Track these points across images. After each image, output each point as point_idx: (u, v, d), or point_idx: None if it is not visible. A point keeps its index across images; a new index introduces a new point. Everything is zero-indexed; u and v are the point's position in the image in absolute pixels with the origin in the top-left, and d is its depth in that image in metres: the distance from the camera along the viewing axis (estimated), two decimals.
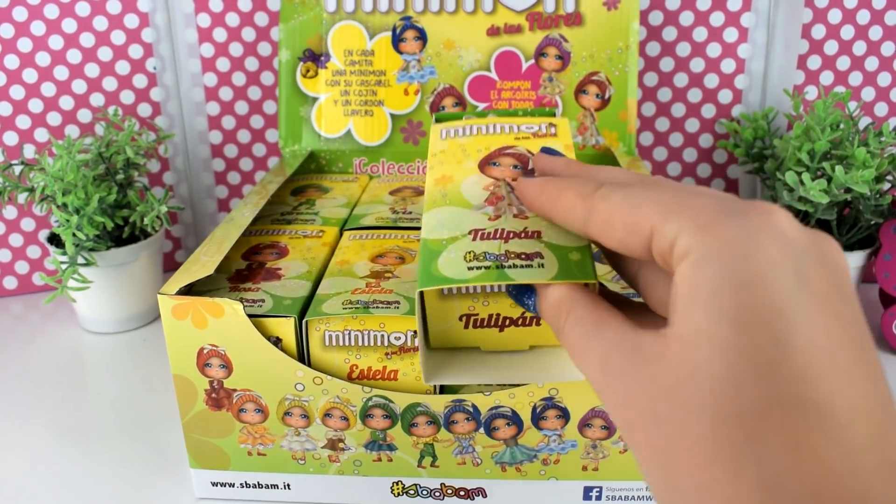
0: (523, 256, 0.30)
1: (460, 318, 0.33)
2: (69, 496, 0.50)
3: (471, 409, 0.45)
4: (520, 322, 0.34)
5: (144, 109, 0.77)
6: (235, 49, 0.76)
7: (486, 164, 0.36)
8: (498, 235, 0.32)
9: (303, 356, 0.45)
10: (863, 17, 0.73)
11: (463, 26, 0.70)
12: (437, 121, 0.41)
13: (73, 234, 0.64)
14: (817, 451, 0.18)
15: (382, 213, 0.60)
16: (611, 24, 0.69)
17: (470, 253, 0.31)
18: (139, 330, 0.71)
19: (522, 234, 0.32)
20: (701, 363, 0.20)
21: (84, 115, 0.76)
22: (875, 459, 0.18)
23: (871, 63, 0.74)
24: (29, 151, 0.75)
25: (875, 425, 0.19)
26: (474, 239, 0.32)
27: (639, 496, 0.48)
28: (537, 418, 0.45)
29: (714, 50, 0.74)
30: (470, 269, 0.30)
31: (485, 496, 0.48)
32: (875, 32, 0.73)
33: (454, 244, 0.32)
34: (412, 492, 0.48)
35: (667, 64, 0.75)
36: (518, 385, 0.44)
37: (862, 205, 0.65)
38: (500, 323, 0.33)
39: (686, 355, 0.21)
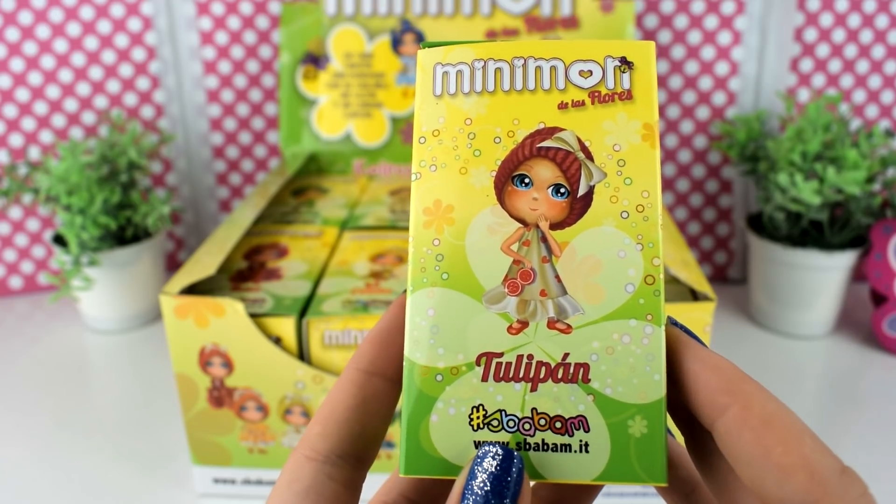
0: (558, 426, 0.20)
1: None
2: (73, 492, 0.51)
3: None
4: None
5: (147, 111, 0.78)
6: (237, 52, 0.77)
7: (506, 180, 0.22)
8: (522, 372, 0.21)
9: (303, 355, 0.46)
10: (854, 20, 0.74)
11: (461, 29, 0.71)
12: (426, 48, 0.23)
13: (78, 235, 0.65)
14: None
15: (382, 213, 0.61)
16: (606, 27, 0.70)
17: (479, 410, 0.21)
18: (142, 329, 0.72)
19: (560, 372, 0.20)
20: None
21: (88, 118, 0.77)
22: None
23: (863, 66, 0.75)
24: (34, 153, 0.76)
25: None
26: (485, 377, 0.21)
27: (635, 492, 0.48)
28: None
29: (708, 53, 0.75)
30: (478, 446, 0.21)
31: None
32: (866, 36, 0.74)
33: (454, 385, 0.21)
34: None
35: (661, 66, 0.76)
36: None
37: (853, 205, 0.66)
38: None
39: None
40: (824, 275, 0.67)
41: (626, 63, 0.22)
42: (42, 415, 0.60)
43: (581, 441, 0.20)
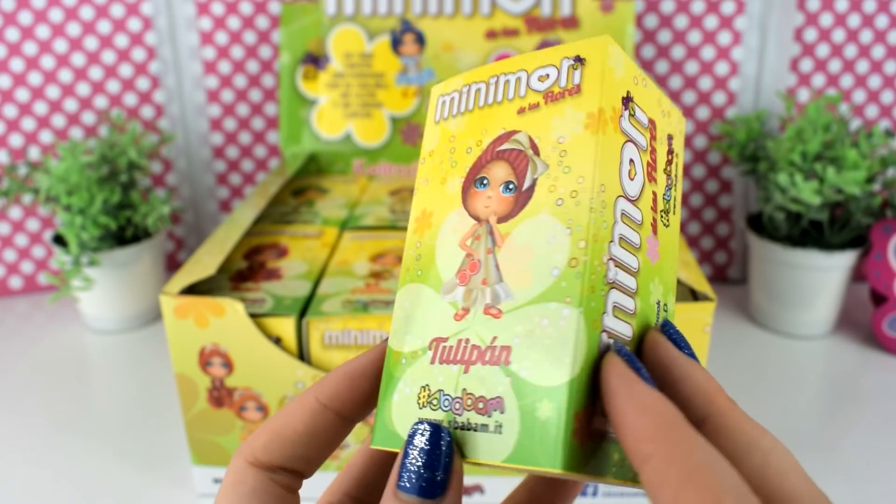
0: (481, 406, 0.21)
1: None
2: (73, 492, 0.51)
3: None
4: None
5: (147, 112, 0.78)
6: (237, 52, 0.77)
7: (470, 184, 0.24)
8: (459, 355, 0.22)
9: (303, 355, 0.46)
10: (854, 20, 0.74)
11: (461, 29, 0.71)
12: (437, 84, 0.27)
13: (78, 235, 0.65)
14: None
15: (382, 213, 0.61)
16: (606, 27, 0.70)
17: (425, 390, 0.22)
18: (142, 329, 0.72)
19: (487, 355, 0.21)
20: None
21: (88, 118, 0.77)
22: None
23: (862, 66, 0.75)
24: (34, 153, 0.76)
25: None
26: (433, 360, 0.22)
27: (633, 492, 0.49)
28: None
29: (708, 53, 0.75)
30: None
31: (482, 492, 0.49)
32: (866, 36, 0.74)
33: (412, 367, 0.23)
34: None
35: (662, 66, 0.76)
36: None
37: (853, 205, 0.66)
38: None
39: None
40: (824, 275, 0.67)
41: (578, 60, 0.23)
42: (42, 415, 0.60)
43: (497, 422, 0.20)
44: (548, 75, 0.23)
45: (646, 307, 0.23)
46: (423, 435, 0.21)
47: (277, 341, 0.45)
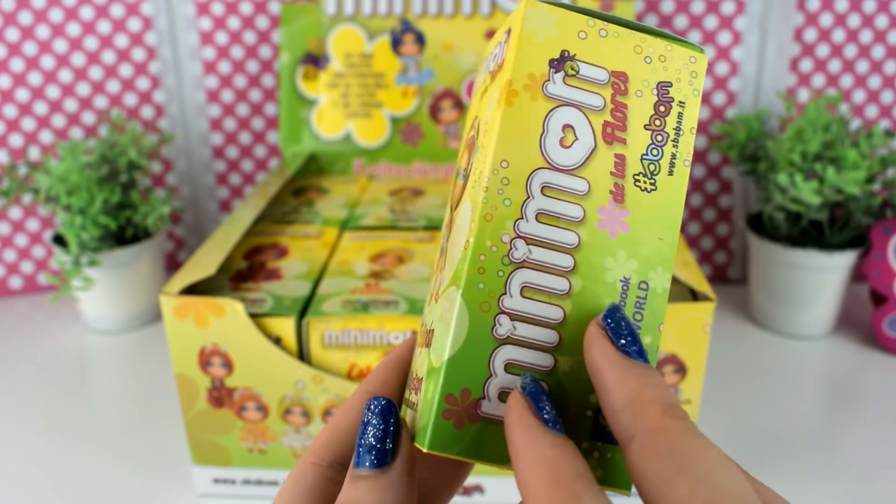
0: (415, 387, 0.22)
1: None
2: (73, 492, 0.51)
3: None
4: None
5: (147, 112, 0.78)
6: (236, 52, 0.77)
7: (457, 176, 0.24)
8: (422, 339, 0.23)
9: (303, 355, 0.46)
10: (854, 20, 0.74)
11: (461, 29, 0.71)
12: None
13: (78, 235, 0.65)
14: None
15: (382, 213, 0.61)
16: None
17: (412, 372, 0.23)
18: (142, 329, 0.72)
19: (426, 338, 0.22)
20: None
21: (88, 118, 0.77)
22: None
23: (862, 66, 0.75)
24: (34, 153, 0.76)
25: None
26: (418, 345, 0.23)
27: (633, 492, 0.48)
28: None
29: (708, 53, 0.75)
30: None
31: (482, 492, 0.49)
32: (866, 36, 0.74)
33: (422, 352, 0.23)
34: None
35: None
36: None
37: (853, 205, 0.66)
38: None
39: None
40: (824, 275, 0.67)
41: (507, 33, 0.21)
42: (42, 415, 0.60)
43: (415, 402, 0.21)
44: (495, 55, 0.22)
45: (594, 286, 0.20)
46: (372, 410, 0.21)
47: (277, 341, 0.45)
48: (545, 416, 0.19)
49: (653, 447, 0.18)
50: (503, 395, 0.20)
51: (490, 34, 0.70)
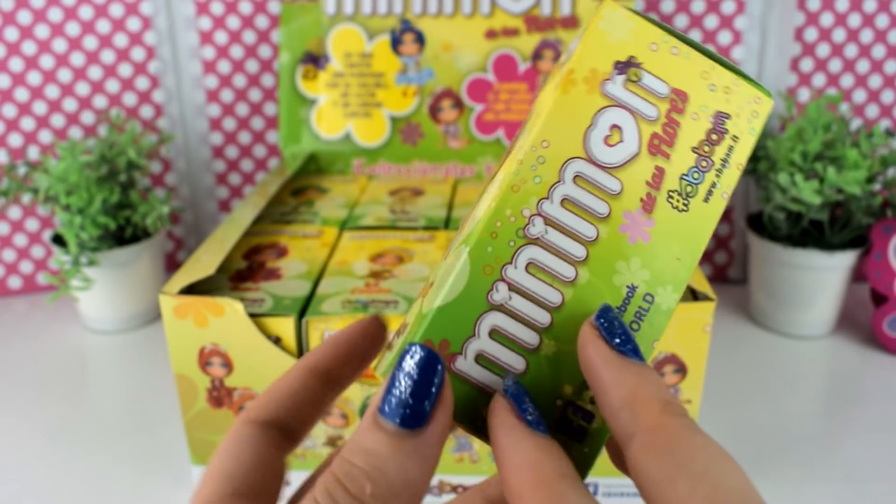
0: (401, 330, 0.22)
1: None
2: (72, 492, 0.51)
3: None
4: None
5: (146, 111, 0.78)
6: (236, 52, 0.77)
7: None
8: (422, 291, 0.23)
9: (302, 355, 0.46)
10: (854, 20, 0.74)
11: (461, 29, 0.71)
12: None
13: (77, 235, 0.64)
14: None
15: (381, 213, 0.61)
16: None
17: (402, 324, 0.23)
18: (141, 329, 0.72)
19: (426, 289, 0.22)
20: None
21: (87, 117, 0.77)
22: None
23: (863, 65, 0.75)
24: (33, 153, 0.76)
25: None
26: (419, 295, 0.24)
27: (633, 493, 0.48)
28: None
29: None
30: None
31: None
32: (866, 35, 0.74)
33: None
34: None
35: None
36: None
37: (853, 205, 0.66)
38: None
39: None
40: (824, 275, 0.67)
41: (584, 29, 0.22)
42: (41, 415, 0.60)
43: (394, 343, 0.21)
44: (569, 49, 0.23)
45: (599, 283, 0.21)
46: (412, 358, 0.19)
47: (277, 341, 0.45)
48: (528, 417, 0.19)
49: (652, 445, 0.17)
50: (479, 359, 0.20)
51: (490, 34, 0.70)
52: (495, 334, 0.20)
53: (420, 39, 0.71)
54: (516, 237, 0.20)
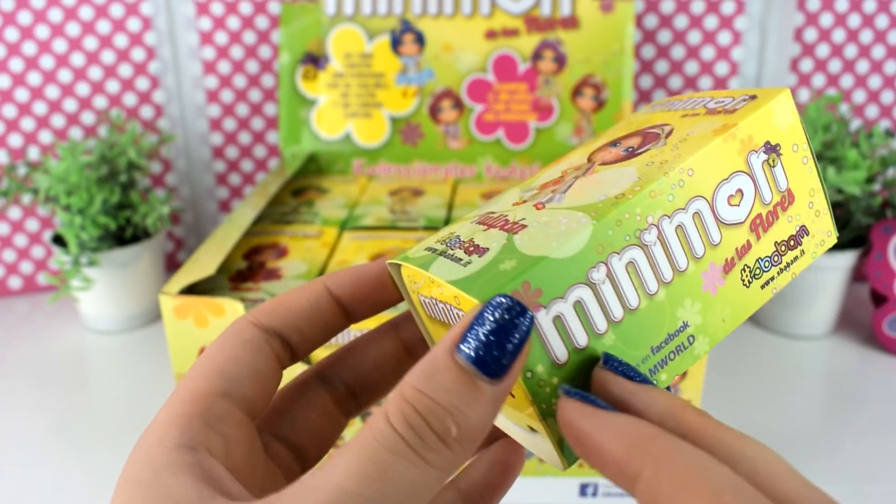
0: (470, 249, 0.24)
1: None
2: (71, 492, 0.51)
3: None
4: None
5: (147, 112, 0.78)
6: (236, 52, 0.77)
7: (608, 143, 0.28)
8: (491, 221, 0.25)
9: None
10: (854, 20, 0.74)
11: (461, 29, 0.71)
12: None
13: (77, 235, 0.64)
14: None
15: (381, 213, 0.61)
16: (606, 27, 0.70)
17: (449, 234, 0.25)
18: (142, 329, 0.72)
19: (506, 225, 0.24)
20: None
21: (87, 118, 0.77)
22: None
23: (862, 66, 0.75)
24: (33, 153, 0.76)
25: None
26: (474, 221, 0.26)
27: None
28: None
29: (708, 53, 0.75)
30: (427, 250, 0.25)
31: None
32: (866, 36, 0.74)
33: (458, 222, 0.26)
34: None
35: (661, 66, 0.76)
36: None
37: (853, 205, 0.66)
38: None
39: None
40: (824, 275, 0.67)
41: (751, 98, 0.25)
42: (41, 415, 0.60)
43: (469, 261, 0.23)
44: (723, 101, 0.26)
45: (666, 307, 0.23)
46: (508, 312, 0.19)
47: None
48: (599, 404, 0.20)
49: (702, 442, 0.19)
50: (556, 321, 0.21)
51: (490, 34, 0.70)
52: (578, 306, 0.22)
53: (420, 40, 0.71)
54: (633, 235, 0.22)
